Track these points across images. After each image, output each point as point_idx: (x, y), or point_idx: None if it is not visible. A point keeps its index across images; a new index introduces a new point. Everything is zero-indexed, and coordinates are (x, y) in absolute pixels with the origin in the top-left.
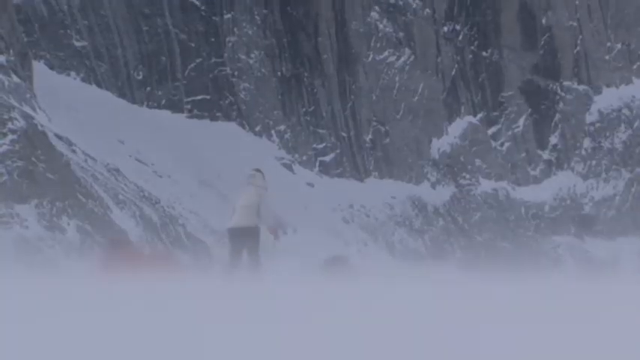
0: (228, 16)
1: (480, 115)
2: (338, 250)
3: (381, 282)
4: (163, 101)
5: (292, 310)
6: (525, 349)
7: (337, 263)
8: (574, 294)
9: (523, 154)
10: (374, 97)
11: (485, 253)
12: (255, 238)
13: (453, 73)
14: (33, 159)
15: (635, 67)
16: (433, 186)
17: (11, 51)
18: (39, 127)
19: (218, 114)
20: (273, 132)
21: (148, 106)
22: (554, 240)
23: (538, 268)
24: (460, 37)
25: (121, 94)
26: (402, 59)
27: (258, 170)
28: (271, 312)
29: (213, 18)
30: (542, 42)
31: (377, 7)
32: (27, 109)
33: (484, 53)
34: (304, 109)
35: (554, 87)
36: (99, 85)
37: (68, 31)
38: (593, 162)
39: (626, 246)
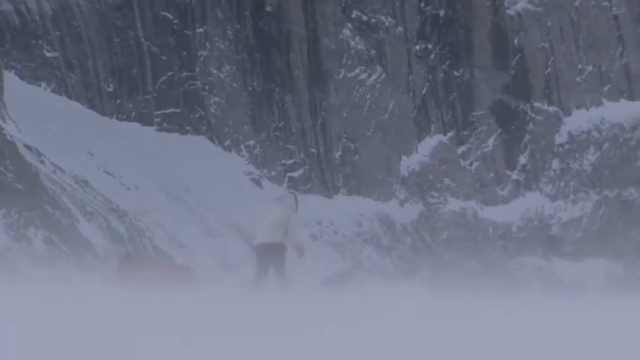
0: (201, 30)
1: (449, 134)
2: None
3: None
4: (133, 114)
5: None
6: None
7: (342, 280)
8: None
9: (492, 174)
10: (344, 114)
11: (452, 272)
12: (281, 254)
13: (424, 91)
14: (1, 169)
15: (605, 89)
16: (401, 204)
17: None
18: (8, 137)
19: (188, 127)
20: (242, 147)
21: (118, 119)
22: (521, 260)
23: (504, 288)
24: (432, 56)
25: (91, 106)
26: (374, 77)
27: (292, 193)
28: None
29: (186, 32)
30: (514, 62)
31: (349, 25)
32: None
33: (455, 72)
34: (274, 125)
35: (525, 108)
36: (69, 96)
37: (40, 41)
38: (562, 183)
39: (592, 268)
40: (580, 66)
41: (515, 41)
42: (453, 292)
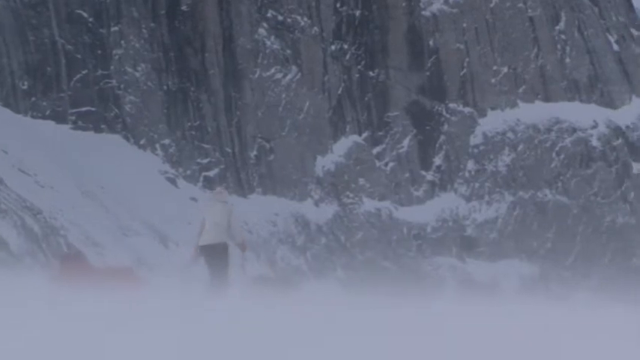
0: (116, 28)
1: (365, 135)
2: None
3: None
4: (48, 112)
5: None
6: None
7: (265, 281)
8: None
9: (407, 175)
10: (259, 114)
11: (366, 272)
12: (224, 253)
13: (340, 91)
14: None
15: (520, 90)
16: (316, 204)
17: None
18: None
19: (103, 126)
20: (157, 146)
21: (33, 117)
22: (436, 261)
23: (419, 288)
24: (347, 57)
25: (6, 104)
26: (289, 77)
27: (224, 187)
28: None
29: (101, 30)
30: (429, 64)
31: (265, 24)
32: None
33: (371, 73)
34: (189, 124)
35: (440, 109)
36: None
37: None
38: (477, 184)
39: (506, 268)
40: (495, 67)
41: (431, 42)
42: (368, 292)
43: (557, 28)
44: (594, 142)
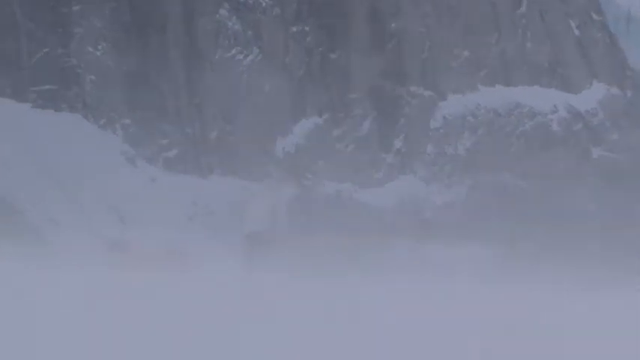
0: (77, 7)
1: (325, 117)
2: (178, 246)
3: None
4: (8, 90)
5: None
6: None
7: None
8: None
9: (367, 157)
10: (220, 95)
11: (326, 254)
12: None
13: (301, 73)
14: None
15: (481, 74)
16: (276, 185)
17: None
18: None
19: (63, 105)
20: (117, 125)
21: None
22: (395, 244)
23: (378, 270)
24: (309, 38)
25: None
26: (250, 58)
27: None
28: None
29: (62, 9)
30: (390, 46)
31: (226, 5)
32: None
33: (332, 55)
34: (150, 104)
35: (401, 91)
36: None
37: None
38: (436, 168)
39: (464, 252)
40: (456, 51)
41: (392, 25)
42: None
43: (519, 12)
44: (554, 127)
